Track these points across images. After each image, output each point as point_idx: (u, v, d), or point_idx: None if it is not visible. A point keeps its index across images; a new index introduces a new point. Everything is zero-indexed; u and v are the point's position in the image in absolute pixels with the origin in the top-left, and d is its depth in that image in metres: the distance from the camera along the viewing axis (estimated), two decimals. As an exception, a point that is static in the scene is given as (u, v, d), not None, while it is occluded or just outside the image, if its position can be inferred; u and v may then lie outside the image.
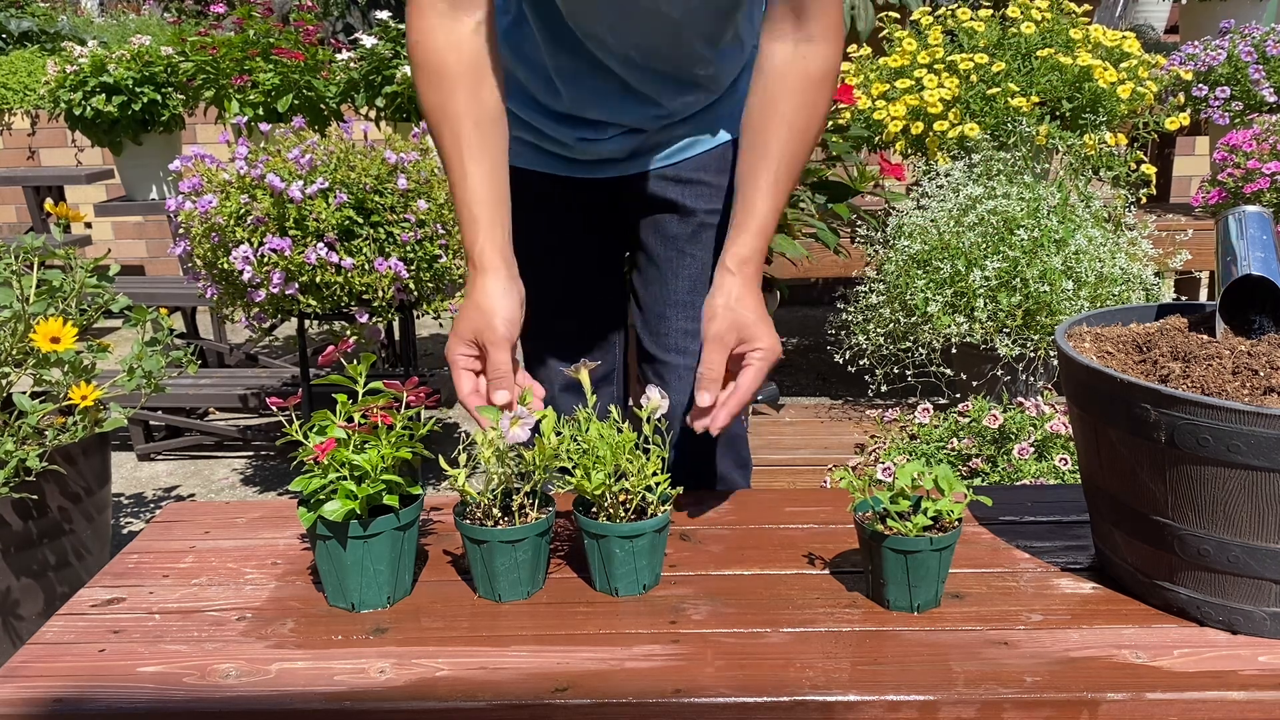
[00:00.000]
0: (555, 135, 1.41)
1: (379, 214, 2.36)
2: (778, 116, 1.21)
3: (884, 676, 0.91)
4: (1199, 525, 0.93)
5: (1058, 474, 1.82)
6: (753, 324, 1.15)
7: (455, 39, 1.17)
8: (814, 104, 1.22)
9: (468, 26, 1.17)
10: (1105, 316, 1.15)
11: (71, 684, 0.93)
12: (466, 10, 1.17)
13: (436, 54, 1.16)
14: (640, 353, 1.54)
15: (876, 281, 2.43)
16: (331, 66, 3.49)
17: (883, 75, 2.96)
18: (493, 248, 1.15)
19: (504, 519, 1.05)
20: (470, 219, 1.16)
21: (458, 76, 1.16)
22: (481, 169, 1.16)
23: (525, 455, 1.05)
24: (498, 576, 1.04)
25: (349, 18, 6.56)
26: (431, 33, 1.16)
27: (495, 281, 1.14)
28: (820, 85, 1.21)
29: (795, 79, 1.20)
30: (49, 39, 5.80)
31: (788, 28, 1.20)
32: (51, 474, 1.91)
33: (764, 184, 1.20)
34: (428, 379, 3.58)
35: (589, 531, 1.04)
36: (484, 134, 1.17)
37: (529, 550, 1.04)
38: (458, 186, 1.17)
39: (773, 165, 1.20)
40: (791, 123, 1.20)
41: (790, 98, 1.20)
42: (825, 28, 1.20)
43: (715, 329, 1.16)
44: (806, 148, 1.23)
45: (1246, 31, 3.13)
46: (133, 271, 5.15)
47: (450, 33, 1.17)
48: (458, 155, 1.16)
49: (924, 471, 1.02)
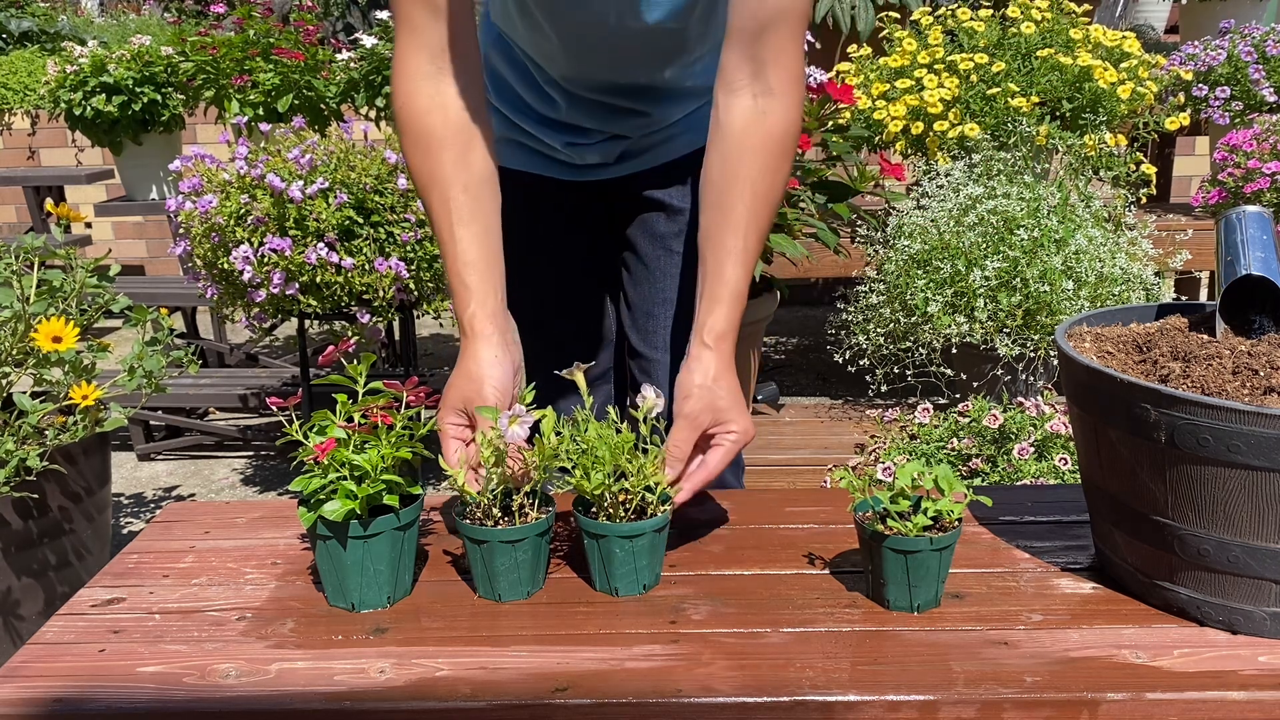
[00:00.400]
0: (544, 139, 1.42)
1: (379, 214, 2.36)
2: (742, 180, 1.15)
3: (884, 676, 0.91)
4: (1199, 525, 0.93)
5: (1058, 474, 1.82)
6: (728, 408, 1.10)
7: (441, 101, 1.13)
8: (778, 168, 1.16)
9: (454, 89, 1.14)
10: (1105, 316, 1.15)
11: (71, 684, 0.93)
12: (452, 73, 1.13)
13: (422, 118, 1.13)
14: (629, 351, 1.55)
15: (876, 281, 2.43)
16: (331, 66, 3.49)
17: (883, 75, 2.96)
18: (484, 314, 1.12)
19: (504, 519, 1.05)
20: (461, 285, 1.13)
21: (444, 140, 1.13)
22: (471, 233, 1.13)
23: (525, 455, 1.05)
24: (498, 576, 1.04)
25: (349, 18, 6.56)
26: (416, 96, 1.13)
27: (487, 349, 1.11)
28: (783, 145, 1.16)
29: (757, 139, 1.15)
30: (49, 39, 5.80)
31: (744, 79, 1.14)
32: (52, 474, 1.91)
33: (733, 250, 1.15)
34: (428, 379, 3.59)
35: (589, 531, 1.04)
36: (474, 198, 1.14)
37: (529, 550, 1.04)
38: (447, 253, 1.14)
39: (740, 231, 1.15)
40: (755, 186, 1.15)
41: (753, 160, 1.15)
42: (784, 81, 1.14)
43: (690, 408, 1.10)
44: (772, 210, 1.18)
45: (1246, 31, 3.13)
46: (133, 271, 5.15)
47: (435, 95, 1.13)
48: (447, 221, 1.13)
49: (924, 471, 1.02)
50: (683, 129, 1.44)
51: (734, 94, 1.15)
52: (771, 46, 1.12)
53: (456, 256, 1.13)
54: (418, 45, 1.12)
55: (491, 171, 1.16)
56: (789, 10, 1.12)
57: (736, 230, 1.15)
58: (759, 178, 1.15)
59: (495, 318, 1.13)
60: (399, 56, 1.14)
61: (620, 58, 1.30)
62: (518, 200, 1.40)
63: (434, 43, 1.12)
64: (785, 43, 1.13)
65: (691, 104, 1.42)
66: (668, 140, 1.44)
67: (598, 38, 1.26)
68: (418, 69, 1.13)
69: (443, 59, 1.13)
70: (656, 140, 1.44)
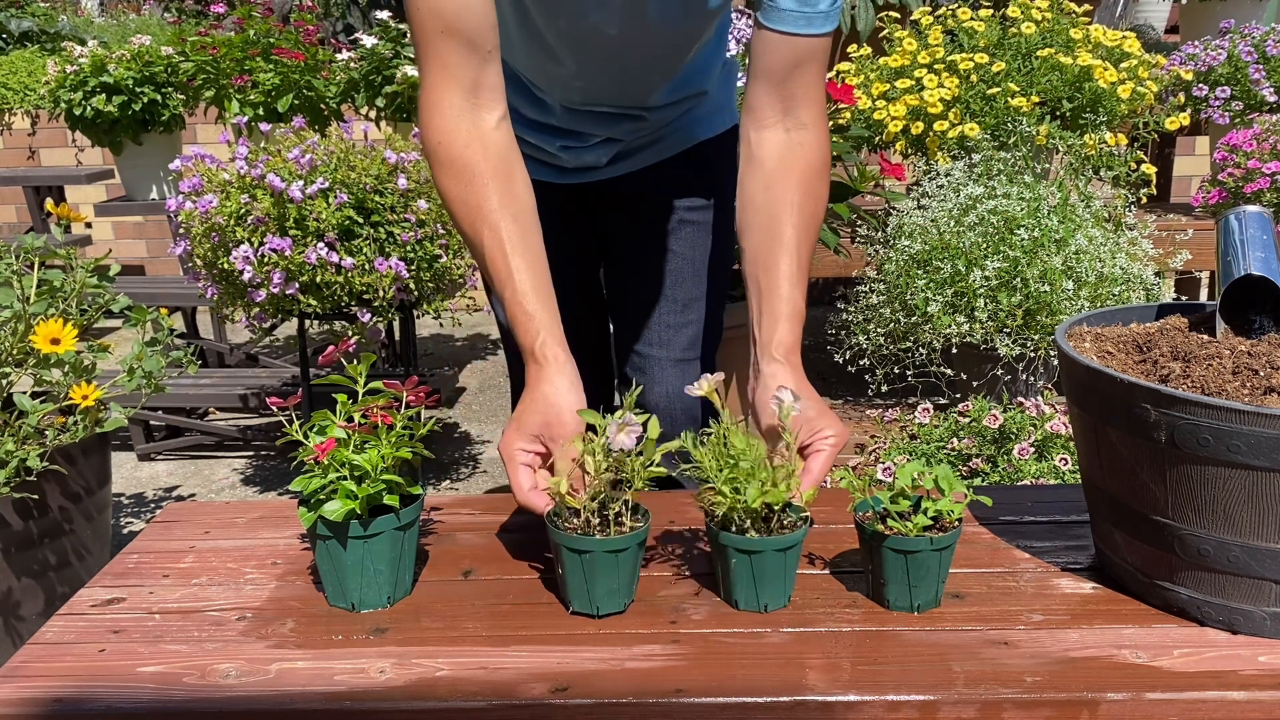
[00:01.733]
0: (537, 143, 1.42)
1: (379, 214, 2.36)
2: (788, 205, 1.20)
3: (884, 676, 0.91)
4: (1199, 525, 0.92)
5: (1058, 474, 1.82)
6: (816, 417, 1.10)
7: (480, 135, 1.14)
8: (819, 194, 1.23)
9: (489, 123, 1.14)
10: (1105, 316, 1.15)
11: (71, 684, 0.93)
12: (487, 107, 1.14)
13: (462, 152, 1.13)
14: (621, 347, 1.55)
15: (877, 281, 2.43)
16: (331, 66, 3.49)
17: (883, 75, 2.96)
18: (554, 341, 1.11)
19: (600, 529, 1.01)
20: (526, 316, 1.12)
21: (489, 174, 1.13)
22: (525, 262, 1.13)
23: (624, 463, 1.01)
24: (597, 587, 1.00)
25: (349, 18, 6.56)
26: (454, 132, 1.13)
27: (561, 376, 1.09)
28: (821, 174, 1.23)
29: (799, 169, 1.21)
30: (49, 39, 5.80)
31: (775, 116, 1.20)
32: (52, 474, 1.91)
33: (787, 272, 1.19)
34: (428, 379, 3.59)
35: (738, 548, 0.99)
36: (523, 228, 1.14)
37: (630, 560, 1.01)
38: (505, 285, 1.12)
39: (793, 253, 1.19)
40: (801, 211, 1.20)
41: (798, 187, 1.21)
42: (815, 115, 1.21)
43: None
44: (815, 232, 1.24)
45: (1246, 31, 3.13)
46: (133, 271, 5.15)
47: (473, 129, 1.13)
48: (501, 254, 1.12)
49: (924, 471, 1.02)
50: (674, 128, 1.45)
51: (765, 129, 1.21)
52: (800, 84, 1.19)
53: (516, 287, 1.12)
54: (450, 81, 1.12)
55: (532, 201, 1.17)
56: (815, 51, 1.18)
57: (789, 253, 1.19)
58: (803, 203, 1.20)
59: (564, 344, 1.12)
60: (430, 92, 1.13)
61: (632, 66, 1.31)
62: None
63: (467, 78, 1.12)
64: (812, 79, 1.19)
65: (685, 105, 1.43)
66: (659, 140, 1.45)
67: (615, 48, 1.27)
68: (451, 105, 1.13)
69: (477, 94, 1.13)
70: (648, 141, 1.45)
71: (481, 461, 3.24)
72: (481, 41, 1.11)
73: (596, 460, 1.01)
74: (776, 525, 1.01)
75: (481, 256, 1.14)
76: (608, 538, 0.99)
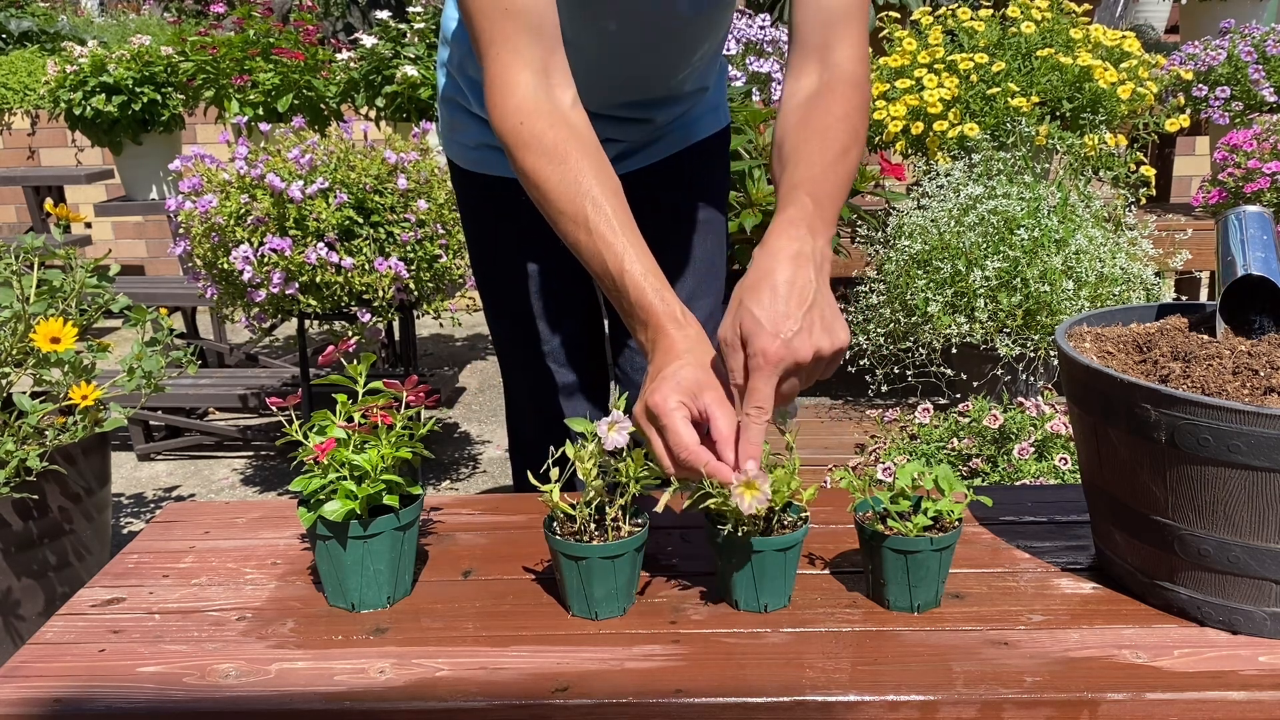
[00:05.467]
0: None
1: (379, 214, 2.36)
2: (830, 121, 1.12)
3: (884, 676, 0.91)
4: (1199, 525, 0.92)
5: (1058, 474, 1.82)
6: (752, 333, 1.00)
7: (561, 115, 1.10)
8: (858, 125, 1.13)
9: (568, 102, 1.11)
10: (1105, 316, 1.15)
11: (71, 684, 0.93)
12: (559, 85, 1.11)
13: (547, 132, 1.09)
14: (616, 347, 1.55)
15: (877, 281, 2.43)
16: (331, 66, 3.49)
17: (883, 75, 2.96)
18: (683, 308, 1.06)
19: (598, 534, 1.01)
20: (651, 287, 1.05)
21: (580, 152, 1.09)
22: (635, 237, 1.08)
23: (620, 467, 1.00)
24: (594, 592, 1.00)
25: (349, 18, 6.56)
26: (535, 115, 1.09)
27: (702, 339, 1.03)
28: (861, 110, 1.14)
29: (839, 95, 1.13)
30: (49, 39, 5.80)
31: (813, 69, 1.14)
32: (52, 474, 1.91)
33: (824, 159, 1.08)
34: (427, 379, 3.59)
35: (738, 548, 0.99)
36: (622, 204, 1.10)
37: (627, 565, 1.00)
38: (621, 258, 1.06)
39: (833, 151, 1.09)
40: (848, 120, 1.12)
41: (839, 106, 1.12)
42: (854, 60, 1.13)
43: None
44: (858, 151, 1.13)
45: (1246, 31, 3.13)
46: (133, 271, 5.16)
47: (554, 111, 1.10)
48: (610, 229, 1.07)
49: (924, 471, 1.02)
50: (676, 128, 1.46)
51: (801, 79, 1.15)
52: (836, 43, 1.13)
53: (632, 260, 1.06)
54: (519, 62, 1.09)
55: (618, 178, 1.13)
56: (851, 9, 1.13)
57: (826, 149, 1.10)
58: (845, 118, 1.12)
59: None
60: (501, 77, 1.10)
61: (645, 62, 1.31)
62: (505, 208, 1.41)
63: (536, 59, 1.09)
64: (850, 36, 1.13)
65: (686, 104, 1.44)
66: (659, 139, 1.46)
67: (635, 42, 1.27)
68: (526, 84, 1.10)
69: (548, 76, 1.11)
70: (649, 140, 1.45)
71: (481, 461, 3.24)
72: (545, 23, 1.09)
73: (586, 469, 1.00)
74: (776, 525, 1.01)
75: (581, 234, 1.09)
76: (604, 543, 0.98)
